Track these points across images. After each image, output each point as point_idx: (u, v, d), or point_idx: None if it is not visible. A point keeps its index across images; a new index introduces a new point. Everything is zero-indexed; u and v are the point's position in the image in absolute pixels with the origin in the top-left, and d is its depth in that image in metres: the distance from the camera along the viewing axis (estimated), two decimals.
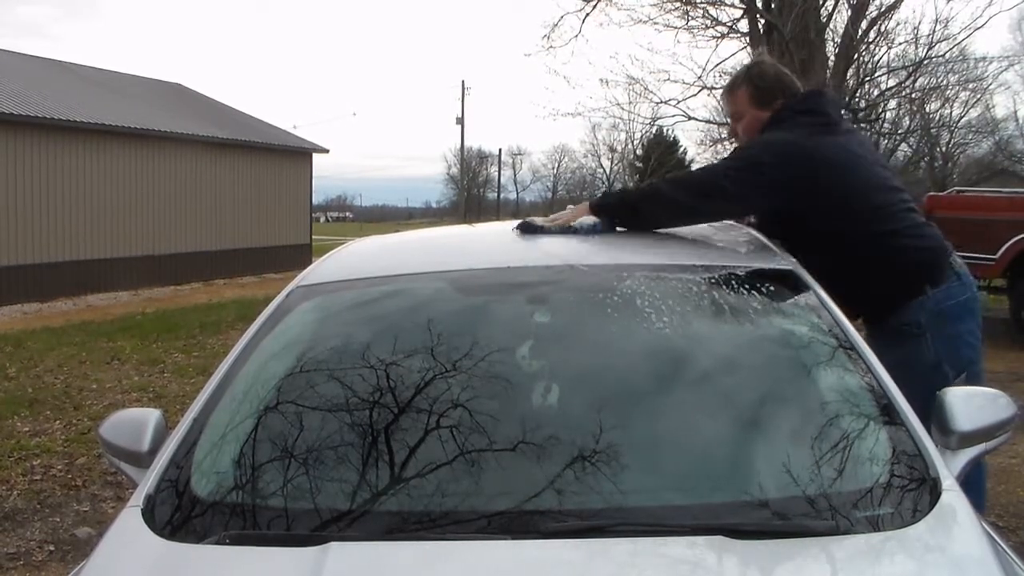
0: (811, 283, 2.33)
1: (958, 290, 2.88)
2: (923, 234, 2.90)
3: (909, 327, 2.82)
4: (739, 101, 3.04)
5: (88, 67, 23.32)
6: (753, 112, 2.99)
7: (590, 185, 56.95)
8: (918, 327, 2.81)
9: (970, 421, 1.92)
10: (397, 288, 2.42)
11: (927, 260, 2.87)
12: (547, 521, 1.62)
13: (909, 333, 2.82)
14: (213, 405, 2.03)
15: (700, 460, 1.82)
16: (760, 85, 2.99)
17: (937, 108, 25.11)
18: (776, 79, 3.01)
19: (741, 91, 3.03)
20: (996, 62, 24.37)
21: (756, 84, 2.99)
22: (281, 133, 25.69)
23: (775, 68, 3.10)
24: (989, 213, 9.92)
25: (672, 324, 2.06)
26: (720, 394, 1.98)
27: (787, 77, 3.04)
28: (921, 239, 2.88)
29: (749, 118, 3.01)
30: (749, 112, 3.00)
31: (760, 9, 13.06)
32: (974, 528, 1.60)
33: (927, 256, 2.87)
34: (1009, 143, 31.72)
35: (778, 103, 2.94)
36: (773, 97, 2.96)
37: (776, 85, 2.98)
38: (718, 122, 20.26)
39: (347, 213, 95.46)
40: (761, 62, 3.14)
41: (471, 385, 1.96)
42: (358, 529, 1.68)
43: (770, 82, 2.99)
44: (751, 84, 3.01)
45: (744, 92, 3.01)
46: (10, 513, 4.85)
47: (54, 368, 8.87)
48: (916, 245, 2.86)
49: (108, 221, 18.23)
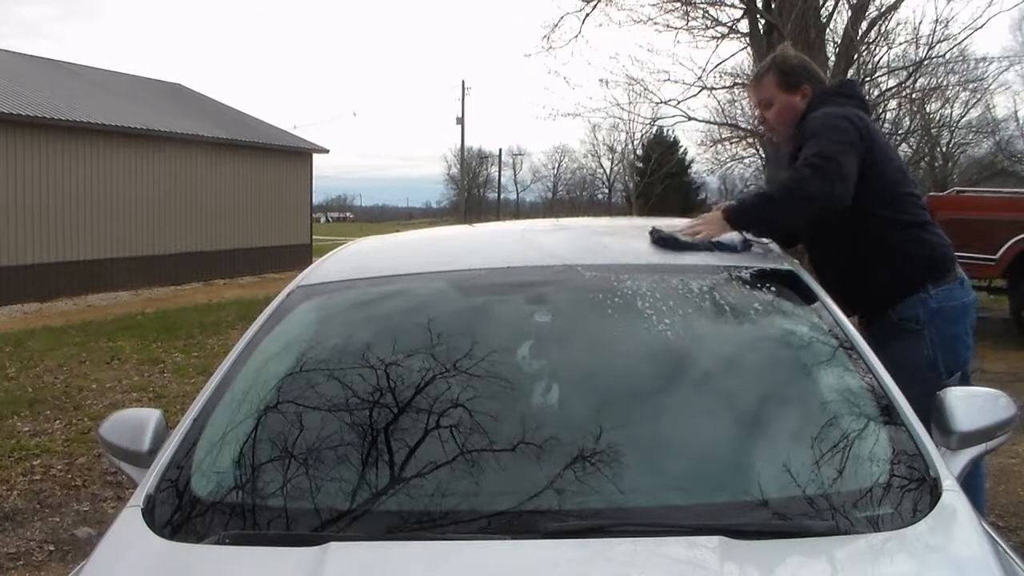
0: (811, 283, 2.33)
1: (959, 292, 2.91)
2: (936, 231, 2.96)
3: (908, 322, 2.85)
4: (767, 88, 3.10)
5: (88, 67, 23.32)
6: (782, 97, 3.06)
7: (590, 185, 57.03)
8: (917, 322, 2.84)
9: (970, 421, 1.92)
10: (397, 288, 2.42)
11: (937, 257, 2.92)
12: (547, 521, 1.62)
13: (908, 328, 2.85)
14: (213, 405, 2.03)
15: (700, 460, 1.82)
16: (785, 70, 3.07)
17: (937, 108, 25.10)
18: (800, 64, 3.11)
19: (767, 78, 3.10)
20: (996, 62, 24.35)
21: (781, 69, 3.07)
22: (281, 133, 25.68)
23: (799, 55, 3.20)
24: (989, 213, 9.92)
25: (672, 324, 2.06)
26: (720, 394, 1.98)
27: (811, 64, 3.15)
28: (935, 235, 2.94)
29: (779, 104, 3.07)
30: (778, 97, 3.07)
31: (760, 9, 13.06)
32: (974, 528, 1.60)
33: (938, 253, 2.92)
34: (1009, 143, 31.71)
35: (806, 87, 3.03)
36: (799, 81, 3.04)
37: (801, 69, 3.08)
38: (718, 122, 20.27)
39: (347, 213, 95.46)
40: (784, 49, 3.23)
41: (471, 385, 1.96)
42: (358, 529, 1.68)
43: (795, 67, 3.08)
44: (776, 70, 3.08)
45: (771, 78, 3.08)
46: (10, 513, 4.85)
47: (54, 368, 8.87)
48: (930, 240, 2.92)
49: (108, 221, 18.23)
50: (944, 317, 2.85)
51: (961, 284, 2.93)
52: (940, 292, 2.85)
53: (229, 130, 22.61)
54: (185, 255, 20.25)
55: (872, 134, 2.92)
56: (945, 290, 2.87)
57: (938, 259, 2.91)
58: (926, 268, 2.88)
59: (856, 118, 2.86)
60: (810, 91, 3.02)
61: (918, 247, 2.89)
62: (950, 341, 2.86)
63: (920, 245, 2.89)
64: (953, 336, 2.87)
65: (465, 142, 53.77)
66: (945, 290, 2.87)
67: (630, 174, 35.80)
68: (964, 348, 2.91)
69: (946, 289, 2.87)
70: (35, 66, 20.95)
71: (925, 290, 2.84)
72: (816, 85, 3.05)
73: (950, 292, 2.88)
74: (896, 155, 3.09)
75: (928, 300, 2.84)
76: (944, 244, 2.96)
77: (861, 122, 2.86)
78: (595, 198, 55.01)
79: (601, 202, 52.52)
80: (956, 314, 2.89)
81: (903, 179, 3.00)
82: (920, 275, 2.86)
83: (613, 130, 38.89)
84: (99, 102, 19.63)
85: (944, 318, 2.85)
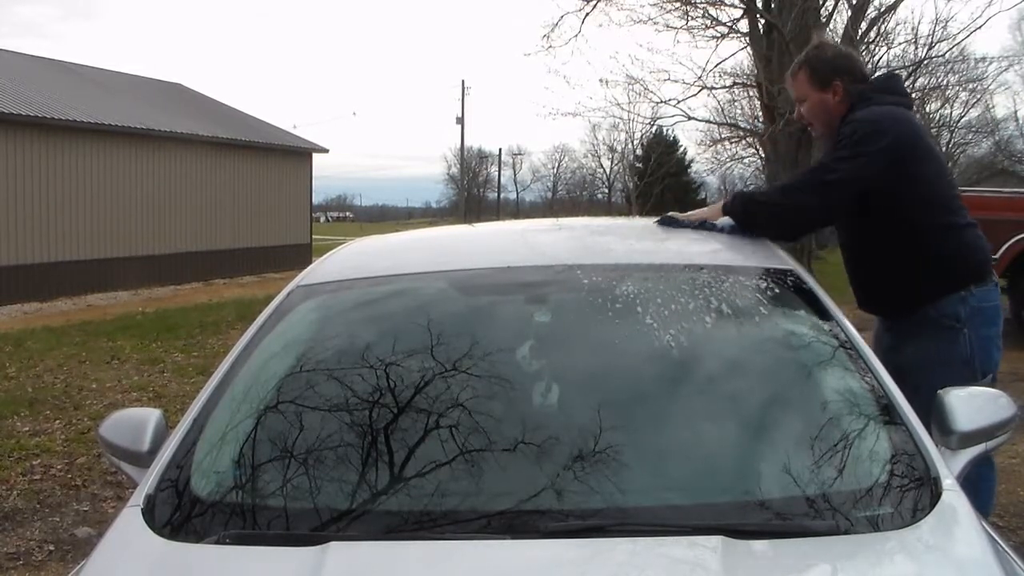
0: (811, 283, 2.33)
1: (995, 294, 2.94)
2: (978, 233, 2.96)
3: (948, 319, 2.84)
4: (799, 85, 3.08)
5: (88, 67, 23.32)
6: (813, 94, 3.03)
7: (590, 185, 56.99)
8: (958, 321, 2.83)
9: (970, 421, 1.92)
10: (397, 288, 2.42)
11: (980, 258, 2.93)
12: (547, 521, 1.62)
13: (947, 326, 2.84)
14: (213, 405, 2.03)
15: (700, 460, 1.82)
16: (816, 67, 3.03)
17: (937, 108, 25.13)
18: (833, 59, 3.05)
19: (800, 74, 3.07)
20: (996, 62, 24.40)
21: (812, 66, 3.04)
22: (281, 133, 25.68)
23: (833, 50, 3.16)
24: (989, 213, 9.91)
25: (672, 324, 2.06)
26: (720, 394, 1.98)
27: (846, 59, 3.08)
28: (977, 237, 2.95)
29: (810, 101, 3.05)
30: (810, 94, 3.04)
31: (760, 9, 13.07)
32: (974, 528, 1.60)
33: (980, 254, 2.94)
34: (1009, 143, 31.74)
35: (837, 84, 2.98)
36: (830, 77, 2.99)
37: (833, 65, 3.02)
38: (718, 122, 20.28)
39: (347, 213, 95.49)
40: (819, 44, 3.18)
41: (471, 385, 1.96)
42: (358, 529, 1.68)
43: (826, 63, 3.03)
44: (808, 66, 3.05)
45: (803, 75, 3.06)
46: (10, 513, 4.84)
47: (54, 368, 8.86)
48: (974, 242, 2.93)
49: (108, 221, 18.23)
50: (983, 317, 2.86)
51: (996, 287, 2.95)
52: (981, 292, 2.86)
53: (229, 130, 22.60)
54: (185, 255, 20.25)
55: (916, 134, 2.89)
56: (984, 291, 2.88)
57: (981, 260, 2.93)
58: (970, 269, 2.88)
59: (892, 121, 2.83)
60: (842, 87, 2.97)
61: (964, 248, 2.89)
62: (985, 342, 2.87)
63: (965, 246, 2.90)
64: (988, 337, 2.88)
65: (465, 142, 53.81)
66: (984, 291, 2.88)
67: (630, 174, 35.81)
68: (996, 350, 2.92)
69: (986, 290, 2.89)
70: (35, 66, 20.95)
71: (967, 289, 2.84)
72: (853, 81, 2.98)
73: (988, 293, 2.90)
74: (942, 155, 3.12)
75: (969, 299, 2.84)
76: (985, 246, 2.98)
77: (898, 125, 2.83)
78: (595, 198, 54.97)
79: (601, 202, 52.48)
80: (992, 315, 2.90)
81: (948, 180, 3.02)
82: (964, 275, 2.86)
83: (613, 130, 38.99)
84: (99, 102, 19.63)
85: (983, 318, 2.86)
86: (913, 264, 2.87)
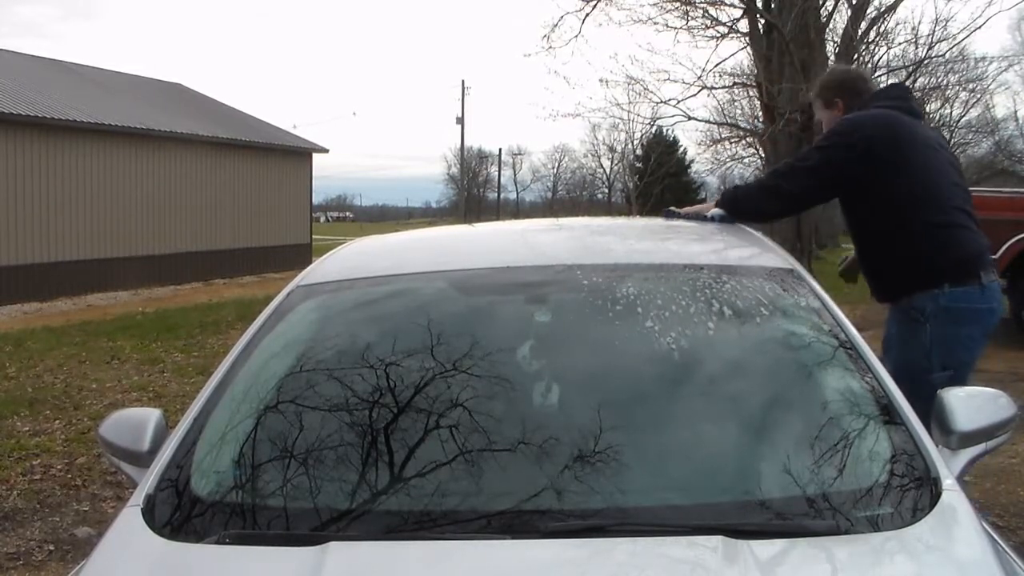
0: (811, 283, 2.33)
1: (976, 297, 2.99)
2: (970, 233, 3.07)
3: (915, 312, 3.02)
4: (815, 107, 3.56)
5: (88, 67, 23.31)
6: (823, 113, 3.46)
7: (590, 185, 56.98)
8: (923, 315, 3.00)
9: (970, 421, 1.92)
10: (397, 288, 2.42)
11: (962, 258, 3.02)
12: (547, 521, 1.61)
13: (913, 317, 3.03)
14: (213, 405, 2.03)
15: (700, 460, 1.82)
16: (820, 91, 3.48)
17: (937, 108, 25.14)
18: (835, 81, 3.47)
19: (815, 100, 3.51)
20: (996, 62, 24.40)
21: (819, 90, 3.49)
22: (281, 133, 25.67)
23: (843, 71, 3.66)
24: (989, 213, 9.90)
25: (672, 324, 2.06)
26: (720, 394, 1.98)
27: (851, 80, 3.46)
28: (965, 240, 3.05)
29: (824, 119, 3.45)
30: (822, 114, 3.47)
31: (760, 9, 13.08)
32: (974, 528, 1.60)
33: (965, 254, 3.03)
34: (1009, 143, 31.75)
35: (839, 103, 3.35)
36: (834, 97, 3.40)
37: (834, 86, 3.43)
38: (718, 122, 20.29)
39: (347, 213, 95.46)
40: (830, 70, 3.70)
41: (471, 385, 1.96)
42: (358, 529, 1.68)
43: (830, 85, 3.45)
44: (818, 89, 3.51)
45: (816, 99, 3.50)
46: (10, 513, 4.84)
47: (54, 368, 8.86)
48: (958, 244, 3.03)
49: (108, 221, 18.23)
50: (951, 316, 2.96)
51: (983, 290, 3.00)
52: (955, 292, 2.96)
53: (229, 130, 22.60)
54: (185, 255, 20.25)
55: (895, 133, 3.07)
56: (961, 291, 2.96)
57: (963, 260, 3.02)
58: (947, 268, 2.99)
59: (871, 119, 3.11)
60: (843, 105, 3.32)
61: (942, 249, 3.00)
62: (949, 339, 2.97)
63: (943, 247, 3.01)
64: (954, 336, 2.97)
65: (465, 142, 53.82)
66: (961, 291, 2.96)
67: (630, 174, 35.81)
68: (963, 350, 3.02)
69: (962, 291, 2.97)
70: (35, 66, 20.94)
71: (940, 288, 2.97)
72: (853, 97, 3.31)
73: (965, 294, 2.97)
74: (943, 154, 3.20)
75: (939, 297, 2.97)
76: (977, 246, 3.06)
77: (875, 122, 3.09)
78: (595, 198, 54.96)
79: (601, 202, 52.47)
80: (964, 316, 2.99)
81: (938, 175, 3.10)
82: (939, 274, 2.99)
83: (613, 130, 38.99)
84: (99, 102, 19.62)
85: (950, 317, 2.96)
86: (890, 259, 3.10)
